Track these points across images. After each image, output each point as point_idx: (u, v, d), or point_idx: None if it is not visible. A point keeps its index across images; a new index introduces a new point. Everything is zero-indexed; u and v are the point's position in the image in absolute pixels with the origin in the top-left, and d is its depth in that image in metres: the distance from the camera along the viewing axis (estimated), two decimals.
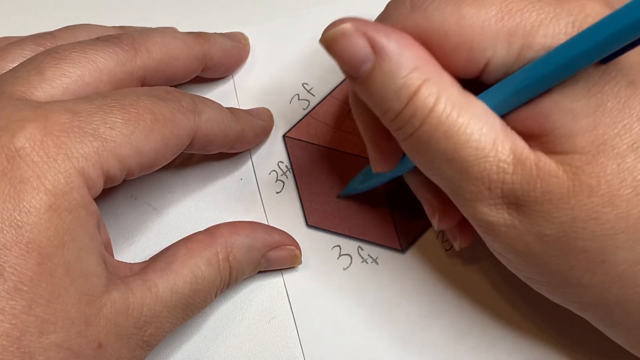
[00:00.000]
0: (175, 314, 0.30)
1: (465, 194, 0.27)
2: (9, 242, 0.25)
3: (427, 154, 0.27)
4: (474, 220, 0.28)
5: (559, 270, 0.27)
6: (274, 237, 0.34)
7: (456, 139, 0.26)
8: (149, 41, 0.33)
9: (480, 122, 0.26)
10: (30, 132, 0.26)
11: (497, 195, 0.26)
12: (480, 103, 0.27)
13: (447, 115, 0.26)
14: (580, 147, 0.26)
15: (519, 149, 0.26)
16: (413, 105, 0.26)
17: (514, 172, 0.26)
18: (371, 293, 0.35)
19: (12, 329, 0.25)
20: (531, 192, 0.26)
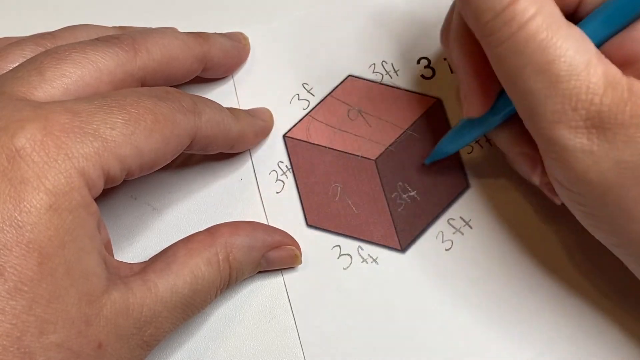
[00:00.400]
0: (175, 314, 0.30)
1: (547, 112, 0.27)
2: (9, 242, 0.25)
3: (518, 62, 0.27)
4: (549, 145, 0.27)
5: (626, 204, 0.27)
6: (273, 237, 0.34)
7: (552, 51, 0.26)
8: (149, 41, 0.32)
9: (577, 43, 0.26)
10: (30, 132, 0.26)
11: (580, 117, 0.26)
12: (577, 29, 0.27)
13: (546, 27, 0.26)
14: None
15: (611, 73, 0.26)
16: (514, 9, 0.26)
17: (604, 94, 0.26)
18: (371, 293, 0.35)
19: (13, 329, 0.25)
20: (619, 115, 0.26)
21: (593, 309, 0.34)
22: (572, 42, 0.26)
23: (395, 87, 0.38)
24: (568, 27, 0.27)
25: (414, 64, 0.39)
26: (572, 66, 0.26)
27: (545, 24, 0.26)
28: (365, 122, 0.38)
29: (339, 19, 0.40)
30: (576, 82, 0.26)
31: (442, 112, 0.38)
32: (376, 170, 0.37)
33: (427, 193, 0.36)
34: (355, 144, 0.37)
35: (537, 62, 0.26)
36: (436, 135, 0.37)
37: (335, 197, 0.37)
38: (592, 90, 0.26)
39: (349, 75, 0.39)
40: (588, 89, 0.26)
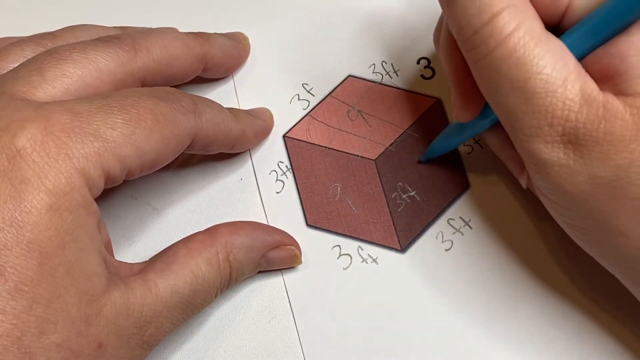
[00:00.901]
0: (176, 314, 0.30)
1: (524, 127, 0.27)
2: (9, 242, 0.25)
3: (496, 78, 0.27)
4: (527, 157, 0.28)
5: (604, 217, 0.27)
6: (274, 237, 0.34)
7: (528, 68, 0.26)
8: (149, 41, 0.33)
9: (555, 58, 0.26)
10: (31, 133, 0.26)
11: (557, 132, 0.26)
12: (558, 42, 0.27)
13: (524, 44, 0.26)
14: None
15: (588, 89, 0.26)
16: (492, 25, 0.26)
17: (579, 110, 0.26)
18: (371, 293, 0.35)
19: (13, 329, 0.25)
20: (593, 132, 0.26)
21: (593, 310, 0.34)
22: (550, 57, 0.26)
23: (395, 87, 0.38)
24: (548, 41, 0.26)
25: (414, 64, 0.39)
26: (549, 83, 0.26)
27: (524, 40, 0.26)
28: (365, 122, 0.38)
29: (339, 19, 0.40)
30: (552, 98, 0.26)
31: (442, 112, 0.38)
32: (376, 170, 0.37)
33: (427, 193, 0.36)
34: (355, 144, 0.37)
35: (514, 80, 0.26)
36: (436, 135, 0.37)
37: (335, 197, 0.37)
38: (568, 106, 0.26)
39: (349, 75, 0.39)
40: (564, 105, 0.26)
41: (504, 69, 0.26)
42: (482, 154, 0.37)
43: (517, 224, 0.35)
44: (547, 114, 0.26)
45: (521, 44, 0.26)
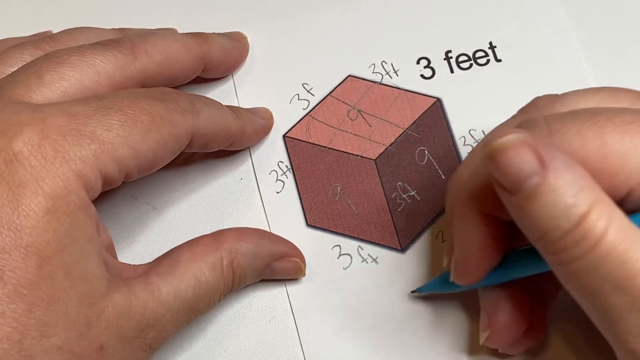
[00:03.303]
0: (178, 317, 0.30)
1: (632, 326, 0.25)
2: (8, 245, 0.25)
3: (592, 280, 0.25)
4: (634, 356, 0.25)
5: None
6: (279, 247, 0.34)
7: (630, 265, 0.24)
8: (148, 44, 0.32)
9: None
10: (27, 136, 0.26)
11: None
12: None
13: (620, 242, 0.24)
14: None
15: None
16: (584, 227, 0.24)
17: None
18: (371, 293, 0.35)
19: (13, 332, 0.25)
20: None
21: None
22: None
23: (395, 87, 0.38)
24: (637, 235, 0.25)
25: (413, 64, 0.39)
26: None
27: (620, 237, 0.24)
28: (365, 122, 0.38)
29: (339, 19, 0.40)
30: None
31: (442, 112, 0.38)
32: (376, 170, 0.37)
33: (427, 193, 0.36)
34: (355, 144, 0.37)
35: (617, 279, 0.24)
36: (436, 135, 0.37)
37: (335, 197, 0.37)
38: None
39: (349, 75, 0.39)
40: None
41: (605, 270, 0.24)
42: None
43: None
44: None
45: (618, 241, 0.24)
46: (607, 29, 0.38)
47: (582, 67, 0.38)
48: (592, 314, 0.26)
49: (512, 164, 0.25)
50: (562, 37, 0.38)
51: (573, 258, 0.25)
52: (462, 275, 0.30)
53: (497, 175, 0.26)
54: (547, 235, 0.25)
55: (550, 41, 0.38)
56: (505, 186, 0.26)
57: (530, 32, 0.38)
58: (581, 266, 0.25)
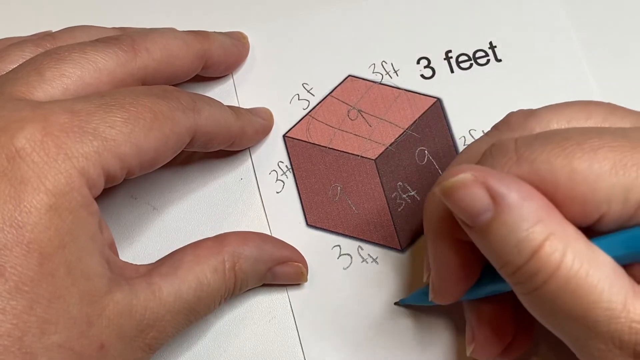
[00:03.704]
0: (179, 319, 0.30)
1: (593, 351, 0.25)
2: (9, 242, 0.25)
3: (550, 311, 0.25)
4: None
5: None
6: (282, 252, 0.34)
7: (585, 298, 0.24)
8: (148, 41, 0.32)
9: (609, 280, 0.25)
10: (30, 133, 0.26)
11: (629, 354, 0.25)
12: (607, 258, 0.25)
13: (574, 273, 0.24)
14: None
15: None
16: (537, 261, 0.25)
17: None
18: (371, 293, 0.35)
19: (14, 329, 0.25)
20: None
21: None
22: (605, 281, 0.24)
23: (395, 87, 0.38)
24: (597, 262, 0.25)
25: (414, 64, 0.39)
26: (610, 310, 0.24)
27: (574, 269, 0.25)
28: (365, 122, 0.38)
29: (339, 19, 0.40)
30: (616, 325, 0.24)
31: (442, 112, 0.38)
32: (376, 170, 0.37)
33: (427, 193, 0.36)
34: (355, 144, 0.37)
35: (571, 311, 0.25)
36: (436, 135, 0.37)
37: (335, 197, 0.37)
38: (635, 329, 0.24)
39: (349, 75, 0.39)
40: (630, 329, 0.24)
41: (559, 302, 0.25)
42: None
43: None
44: (613, 340, 0.24)
45: (572, 274, 0.24)
46: (607, 29, 0.39)
47: (582, 67, 0.38)
48: (557, 334, 0.26)
49: (464, 201, 0.26)
50: (562, 37, 0.38)
51: (528, 290, 0.25)
52: (440, 296, 0.30)
53: (453, 210, 0.26)
54: (503, 268, 0.26)
55: (550, 41, 0.38)
56: (462, 220, 0.26)
57: (530, 32, 0.39)
58: (537, 297, 0.25)
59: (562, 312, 0.25)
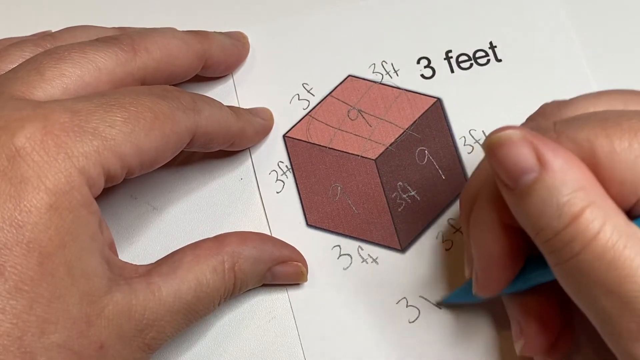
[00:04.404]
0: (178, 319, 0.30)
1: (622, 331, 0.25)
2: (9, 241, 0.25)
3: (583, 282, 0.25)
4: (629, 358, 0.25)
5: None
6: (282, 251, 0.34)
7: (620, 271, 0.24)
8: (148, 41, 0.33)
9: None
10: (30, 132, 0.26)
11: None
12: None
13: (612, 245, 0.24)
14: None
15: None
16: (575, 227, 0.24)
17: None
18: (371, 293, 0.35)
19: (13, 328, 0.25)
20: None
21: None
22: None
23: (395, 87, 0.38)
24: (636, 237, 0.25)
25: (414, 64, 0.39)
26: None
27: (612, 241, 0.24)
28: (365, 122, 0.38)
29: (339, 19, 0.40)
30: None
31: (442, 112, 0.38)
32: (376, 170, 0.37)
33: (427, 193, 0.36)
34: (355, 144, 0.37)
35: (605, 283, 0.24)
36: (436, 135, 0.37)
37: (335, 197, 0.37)
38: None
39: (349, 75, 0.39)
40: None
41: (593, 273, 0.24)
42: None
43: None
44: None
45: (609, 246, 0.24)
46: (607, 29, 0.39)
47: (582, 67, 0.38)
48: (586, 314, 0.26)
49: (510, 158, 0.25)
50: (562, 37, 0.38)
51: (564, 259, 0.25)
52: (484, 287, 0.30)
53: (496, 168, 0.26)
54: (540, 233, 0.25)
55: (550, 41, 0.38)
56: (504, 180, 0.26)
57: (530, 32, 0.39)
58: (572, 267, 0.25)
59: (597, 285, 0.24)
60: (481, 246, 0.29)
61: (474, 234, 0.29)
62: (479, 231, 0.29)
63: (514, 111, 0.37)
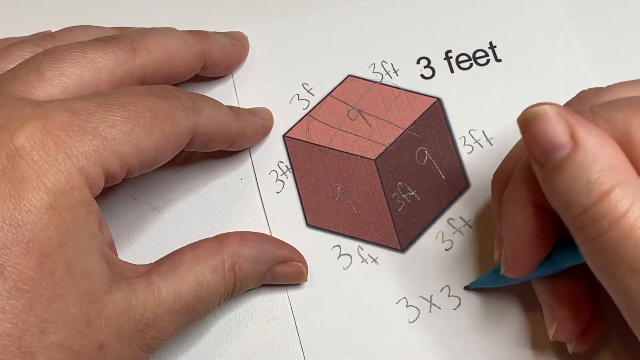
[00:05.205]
0: (178, 319, 0.30)
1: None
2: (9, 241, 0.25)
3: (609, 261, 0.25)
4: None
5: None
6: (282, 251, 0.34)
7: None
8: (147, 41, 0.33)
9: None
10: (30, 131, 0.26)
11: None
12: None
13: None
14: None
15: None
16: (604, 205, 0.25)
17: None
18: (371, 293, 0.35)
19: (13, 328, 0.25)
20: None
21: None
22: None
23: (395, 87, 0.38)
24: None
25: (413, 64, 0.39)
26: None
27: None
28: (365, 122, 0.38)
29: (339, 19, 0.40)
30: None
31: (442, 112, 0.38)
32: (376, 170, 0.37)
33: (427, 193, 0.36)
34: (355, 144, 0.37)
35: (633, 262, 0.24)
36: (436, 135, 0.37)
37: (335, 197, 0.37)
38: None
39: (349, 75, 0.39)
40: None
41: (620, 252, 0.24)
42: (482, 153, 0.37)
43: None
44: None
45: (637, 225, 0.24)
46: (607, 29, 0.39)
47: (582, 67, 0.38)
48: (611, 293, 0.26)
49: (543, 133, 0.26)
50: (562, 37, 0.38)
51: (591, 236, 0.25)
52: (513, 268, 0.30)
53: (529, 143, 0.26)
54: (569, 210, 0.26)
55: (550, 41, 0.38)
56: (535, 156, 0.26)
57: (530, 32, 0.39)
58: (599, 245, 0.25)
59: (622, 264, 0.25)
60: (512, 225, 0.29)
61: (506, 212, 0.30)
62: (511, 210, 0.29)
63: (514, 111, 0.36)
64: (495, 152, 0.36)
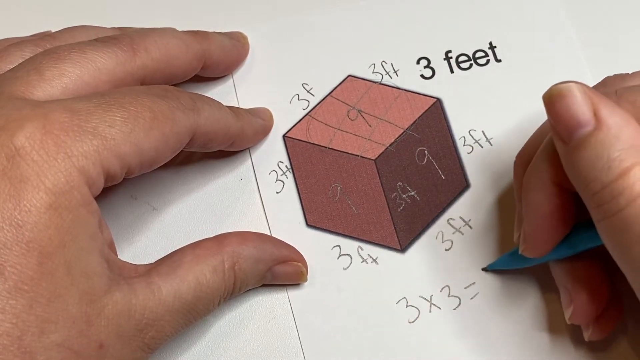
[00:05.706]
0: (178, 318, 0.30)
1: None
2: (9, 241, 0.25)
3: (625, 239, 0.25)
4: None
5: None
6: (282, 251, 0.34)
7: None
8: (147, 41, 0.33)
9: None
10: (29, 131, 0.26)
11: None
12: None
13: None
14: None
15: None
16: (623, 182, 0.25)
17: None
18: (371, 293, 0.35)
19: (13, 328, 0.25)
20: None
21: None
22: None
23: (395, 87, 0.38)
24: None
25: (413, 64, 0.39)
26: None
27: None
28: (365, 122, 0.38)
29: (339, 19, 0.40)
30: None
31: (442, 112, 0.38)
32: (376, 170, 0.37)
33: (427, 193, 0.36)
34: (355, 144, 0.37)
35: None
36: (436, 135, 0.37)
37: (335, 197, 0.37)
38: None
39: (349, 75, 0.39)
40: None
41: (636, 230, 0.25)
42: (482, 153, 0.37)
43: None
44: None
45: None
46: (607, 29, 0.39)
47: (582, 67, 0.38)
48: (626, 272, 0.26)
49: (568, 110, 0.26)
50: (562, 37, 0.38)
51: (609, 213, 0.26)
52: (532, 247, 0.30)
53: (553, 119, 0.27)
54: (588, 187, 0.26)
55: (550, 41, 0.38)
56: (559, 133, 0.27)
57: (530, 32, 0.39)
58: (615, 222, 0.25)
59: (638, 242, 0.25)
60: (532, 203, 0.30)
61: (527, 190, 0.30)
62: (532, 188, 0.30)
63: (514, 111, 0.37)
64: (495, 152, 0.36)
